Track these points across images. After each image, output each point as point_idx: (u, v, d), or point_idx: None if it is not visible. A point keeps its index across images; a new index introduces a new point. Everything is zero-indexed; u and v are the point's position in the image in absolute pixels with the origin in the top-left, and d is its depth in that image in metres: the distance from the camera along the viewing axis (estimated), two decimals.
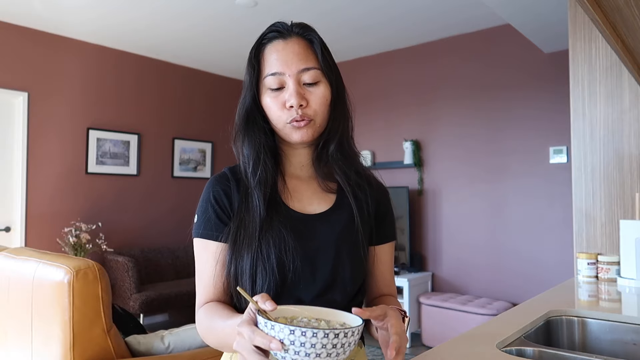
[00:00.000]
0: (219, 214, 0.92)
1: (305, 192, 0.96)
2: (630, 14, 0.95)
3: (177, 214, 5.01)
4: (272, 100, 0.90)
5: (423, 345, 3.98)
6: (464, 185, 4.25)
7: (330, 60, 0.94)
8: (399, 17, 3.90)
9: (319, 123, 0.92)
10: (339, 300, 0.89)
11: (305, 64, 0.90)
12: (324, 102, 0.91)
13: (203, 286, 0.92)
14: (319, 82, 0.91)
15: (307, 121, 0.90)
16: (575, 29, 2.03)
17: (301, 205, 0.94)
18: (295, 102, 0.88)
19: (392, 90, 4.72)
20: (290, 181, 0.96)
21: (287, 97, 0.89)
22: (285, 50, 0.90)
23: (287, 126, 0.90)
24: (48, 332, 1.59)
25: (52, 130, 4.23)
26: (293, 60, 0.89)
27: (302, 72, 0.89)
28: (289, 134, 0.91)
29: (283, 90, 0.90)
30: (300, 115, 0.88)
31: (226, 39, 4.34)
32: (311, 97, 0.90)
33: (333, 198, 0.96)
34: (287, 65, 0.89)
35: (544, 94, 3.85)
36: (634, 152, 1.89)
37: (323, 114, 0.92)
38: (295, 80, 0.89)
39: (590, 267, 1.83)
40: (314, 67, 0.90)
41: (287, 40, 0.91)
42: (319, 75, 0.91)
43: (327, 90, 0.92)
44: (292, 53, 0.90)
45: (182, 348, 1.83)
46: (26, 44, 4.08)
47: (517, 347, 1.06)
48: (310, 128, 0.91)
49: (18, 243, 4.01)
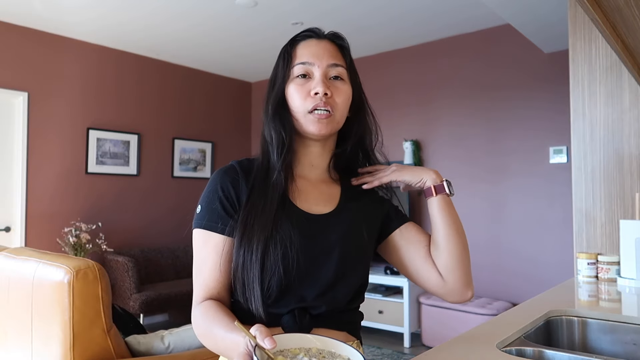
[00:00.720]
0: (226, 205, 0.90)
1: (312, 192, 0.96)
2: (630, 14, 0.95)
3: (177, 214, 5.01)
4: (296, 87, 0.93)
5: (423, 345, 3.98)
6: (464, 186, 4.25)
7: (354, 67, 1.00)
8: (399, 17, 3.90)
9: (337, 119, 0.94)
10: (340, 299, 0.90)
11: (335, 60, 0.95)
12: (347, 98, 0.95)
13: (202, 279, 0.89)
14: (344, 81, 0.95)
15: (328, 114, 0.91)
16: (575, 29, 2.03)
17: (308, 205, 0.94)
18: (321, 89, 0.90)
19: (392, 90, 4.72)
20: (298, 181, 0.97)
21: (313, 85, 0.92)
22: (317, 46, 0.95)
23: (307, 116, 0.92)
24: (48, 332, 1.59)
25: (52, 130, 4.23)
26: (324, 54, 0.94)
27: (331, 66, 0.94)
28: (308, 124, 0.92)
29: (309, 80, 0.93)
30: (323, 102, 0.90)
31: (226, 39, 4.34)
32: (335, 91, 0.93)
33: (336, 200, 0.97)
34: (317, 57, 0.93)
35: (544, 94, 3.85)
36: (634, 152, 1.89)
37: (343, 110, 0.95)
38: (323, 72, 0.93)
39: (590, 267, 1.83)
40: (342, 65, 0.95)
41: (320, 40, 0.97)
42: (345, 74, 0.96)
43: (350, 91, 0.96)
44: (324, 49, 0.95)
45: (182, 348, 1.83)
46: (26, 44, 4.08)
47: (517, 347, 1.05)
48: (329, 123, 0.92)
49: (18, 243, 4.01)
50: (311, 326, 0.87)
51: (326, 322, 0.89)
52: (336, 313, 0.90)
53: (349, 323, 0.93)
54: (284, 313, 0.87)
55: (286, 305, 0.87)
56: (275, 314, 0.87)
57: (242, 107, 5.84)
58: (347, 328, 0.93)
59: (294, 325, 0.85)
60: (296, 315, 0.86)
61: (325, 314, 0.89)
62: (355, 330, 0.96)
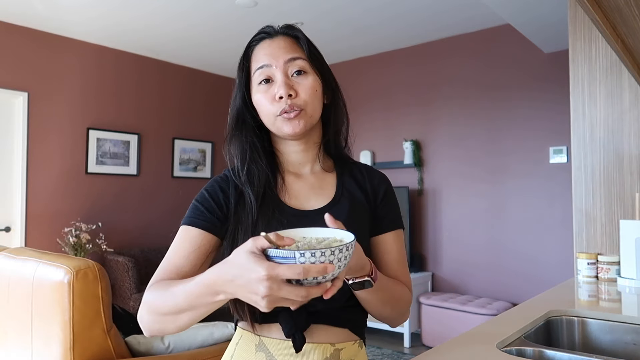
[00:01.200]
0: (208, 205, 0.92)
1: (302, 189, 0.96)
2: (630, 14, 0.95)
3: (177, 214, 4.97)
4: (262, 95, 0.91)
5: (423, 345, 3.98)
6: (464, 185, 4.25)
7: (317, 53, 0.95)
8: (399, 17, 3.90)
9: (310, 113, 0.91)
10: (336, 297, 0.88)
11: (292, 54, 0.91)
12: (313, 92, 0.91)
13: (165, 264, 0.88)
14: (307, 73, 0.92)
15: (298, 111, 0.89)
16: (575, 29, 2.03)
17: (299, 201, 0.94)
18: (284, 91, 0.88)
19: (392, 90, 4.72)
20: (287, 178, 0.96)
21: (276, 89, 0.89)
22: (271, 46, 0.92)
23: (277, 119, 0.90)
24: (48, 332, 1.59)
25: (52, 130, 4.23)
26: (279, 52, 0.91)
27: (289, 62, 0.90)
28: (281, 127, 0.91)
29: (272, 85, 0.90)
30: (289, 105, 0.88)
31: (226, 39, 4.34)
32: (300, 88, 0.90)
33: (331, 194, 0.96)
34: (274, 57, 0.90)
35: (544, 94, 3.85)
36: (634, 152, 1.89)
37: (313, 104, 0.92)
38: (282, 71, 0.90)
39: (590, 267, 1.83)
40: (300, 57, 0.91)
41: (273, 39, 0.93)
42: (306, 65, 0.92)
43: (315, 81, 0.92)
44: (278, 47, 0.92)
45: (182, 348, 1.83)
46: (26, 44, 4.07)
47: (517, 347, 1.05)
48: (301, 119, 0.90)
49: (18, 243, 4.01)
50: (309, 323, 0.86)
51: (325, 319, 0.89)
52: (335, 310, 0.89)
53: (349, 320, 0.92)
54: (280, 310, 0.85)
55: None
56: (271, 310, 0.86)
57: None
58: (349, 325, 0.92)
59: (290, 320, 0.85)
60: (292, 311, 0.85)
61: (323, 311, 0.88)
62: (358, 329, 0.94)
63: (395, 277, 0.96)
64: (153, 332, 0.83)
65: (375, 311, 0.92)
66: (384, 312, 0.92)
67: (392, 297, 0.92)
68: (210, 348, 1.87)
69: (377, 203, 0.98)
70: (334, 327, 0.90)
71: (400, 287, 0.95)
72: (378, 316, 0.94)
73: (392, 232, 0.98)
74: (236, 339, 0.95)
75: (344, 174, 1.00)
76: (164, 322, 0.79)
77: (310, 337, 0.87)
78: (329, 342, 0.89)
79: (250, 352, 0.90)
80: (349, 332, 0.92)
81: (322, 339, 0.89)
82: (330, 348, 0.89)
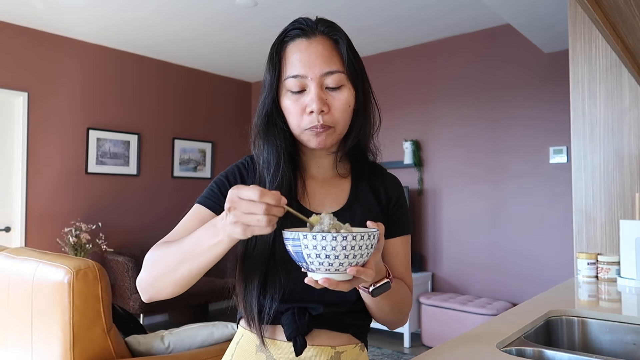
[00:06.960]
0: (224, 188, 0.91)
1: (319, 192, 0.95)
2: (630, 14, 0.95)
3: (177, 214, 4.97)
4: (292, 103, 0.86)
5: (423, 345, 3.98)
6: (464, 185, 4.25)
7: (356, 62, 0.89)
8: (399, 17, 3.90)
9: (339, 131, 0.89)
10: (340, 300, 0.89)
11: (329, 67, 0.85)
12: (347, 108, 0.87)
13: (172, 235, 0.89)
14: (343, 87, 0.87)
15: (327, 128, 0.86)
16: (575, 29, 2.03)
17: (313, 204, 0.93)
18: (316, 107, 0.84)
19: (392, 90, 4.72)
20: (306, 181, 0.95)
21: (308, 102, 0.85)
22: (308, 50, 0.85)
23: (305, 132, 0.87)
24: (48, 332, 1.59)
25: (52, 130, 4.23)
26: (316, 62, 0.84)
27: (325, 75, 0.85)
28: (308, 140, 0.88)
29: (304, 94, 0.85)
30: (320, 124, 0.85)
31: (226, 39, 4.34)
32: (333, 103, 0.86)
33: (344, 199, 0.96)
34: (309, 68, 0.84)
35: (544, 94, 3.85)
36: (634, 152, 1.89)
37: (345, 121, 0.88)
38: (317, 84, 0.84)
39: (590, 267, 1.83)
40: (338, 71, 0.85)
41: (310, 40, 0.87)
42: (343, 79, 0.86)
43: (350, 96, 0.88)
44: (316, 54, 0.85)
45: (182, 348, 1.83)
46: (26, 44, 4.08)
47: (517, 347, 1.05)
48: (330, 136, 0.87)
49: (18, 243, 4.01)
50: (311, 326, 0.86)
51: (327, 323, 0.89)
52: (338, 314, 0.89)
53: (352, 326, 0.91)
54: (284, 311, 0.87)
55: (286, 305, 0.87)
56: (275, 311, 0.87)
57: (242, 107, 5.84)
58: (351, 330, 0.92)
59: (293, 323, 0.85)
60: (295, 314, 0.86)
61: (326, 315, 0.88)
62: (361, 334, 0.94)
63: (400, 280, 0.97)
64: (149, 290, 0.83)
65: (382, 315, 0.92)
66: (389, 315, 0.92)
67: (400, 300, 0.92)
68: (210, 348, 1.87)
69: (390, 208, 0.98)
70: (336, 331, 0.90)
71: (405, 289, 0.95)
72: (382, 320, 0.94)
73: (401, 237, 0.98)
74: (237, 338, 0.95)
75: (359, 179, 0.98)
76: (162, 275, 0.80)
77: (312, 339, 0.87)
78: (330, 345, 0.89)
79: (251, 352, 0.91)
80: (350, 336, 0.92)
81: (323, 342, 0.89)
82: (331, 351, 0.89)
